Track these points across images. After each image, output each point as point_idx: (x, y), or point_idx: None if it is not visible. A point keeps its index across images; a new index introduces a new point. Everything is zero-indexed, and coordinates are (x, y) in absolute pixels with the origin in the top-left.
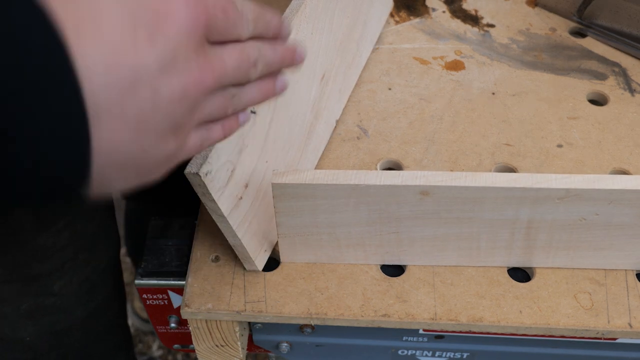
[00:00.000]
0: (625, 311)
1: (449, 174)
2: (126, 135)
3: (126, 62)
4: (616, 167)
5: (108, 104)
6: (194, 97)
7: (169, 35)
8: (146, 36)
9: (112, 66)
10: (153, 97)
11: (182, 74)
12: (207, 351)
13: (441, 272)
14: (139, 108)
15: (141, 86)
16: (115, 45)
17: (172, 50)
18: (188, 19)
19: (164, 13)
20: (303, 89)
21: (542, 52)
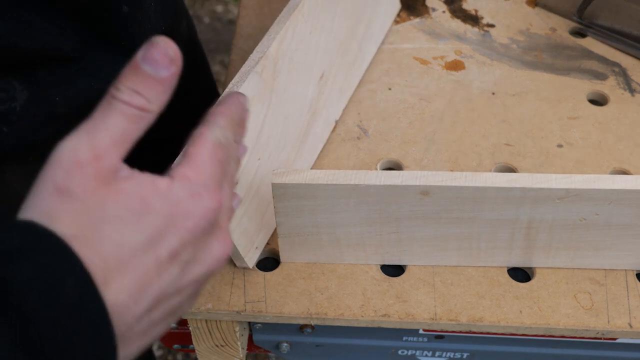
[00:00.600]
0: (625, 311)
1: (449, 174)
2: (156, 331)
3: (150, 289)
4: (616, 167)
5: (137, 324)
6: (220, 269)
7: (188, 243)
8: (168, 256)
9: (137, 298)
10: (179, 294)
11: (206, 260)
12: (207, 351)
13: (441, 272)
14: (166, 310)
15: (167, 295)
16: (139, 279)
17: (194, 250)
18: (205, 217)
19: (182, 226)
20: (300, 89)
21: (542, 52)
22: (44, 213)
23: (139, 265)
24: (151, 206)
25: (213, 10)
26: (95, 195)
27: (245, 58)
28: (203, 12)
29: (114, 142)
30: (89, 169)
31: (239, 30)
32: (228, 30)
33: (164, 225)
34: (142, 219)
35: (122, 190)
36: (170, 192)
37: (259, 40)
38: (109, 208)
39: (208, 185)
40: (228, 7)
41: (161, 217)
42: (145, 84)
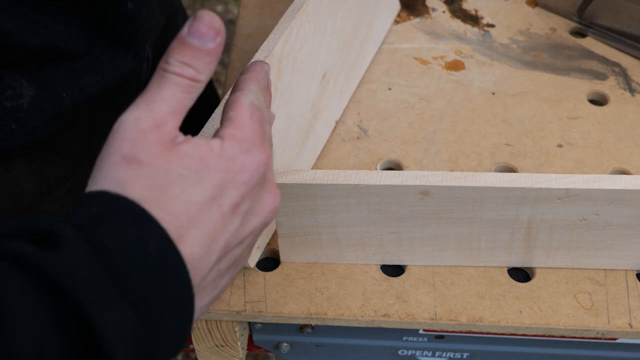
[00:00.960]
0: (626, 311)
1: (449, 174)
2: (225, 281)
3: (218, 241)
4: (616, 167)
5: (209, 275)
6: (271, 220)
7: (246, 195)
8: (230, 208)
9: (208, 250)
10: (240, 244)
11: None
12: (207, 351)
13: (441, 272)
14: (232, 260)
15: (232, 246)
16: (208, 232)
17: (251, 202)
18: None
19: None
20: (302, 88)
21: (542, 52)
22: (116, 182)
23: (207, 219)
24: (210, 165)
25: (213, 10)
26: (160, 160)
27: (245, 58)
28: None
29: (171, 110)
30: (152, 136)
31: (239, 30)
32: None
33: (223, 181)
34: (203, 177)
35: (183, 153)
36: (224, 151)
37: (259, 40)
38: (173, 170)
39: (255, 141)
40: (228, 7)
41: (220, 174)
42: (193, 56)
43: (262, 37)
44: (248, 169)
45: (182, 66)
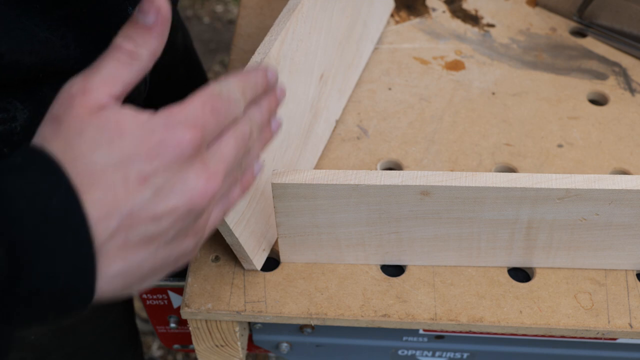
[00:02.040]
0: (626, 311)
1: (449, 174)
2: (138, 257)
3: (119, 206)
4: (616, 167)
5: (111, 241)
6: (201, 206)
7: (159, 170)
8: (137, 178)
9: (108, 212)
10: (155, 222)
11: (183, 192)
12: (207, 351)
13: (441, 272)
14: (143, 234)
15: (140, 219)
16: (109, 195)
17: (166, 179)
18: (177, 148)
19: (153, 154)
20: (301, 89)
21: (543, 52)
22: (39, 136)
23: (108, 183)
24: (125, 131)
25: (213, 10)
26: (79, 122)
27: (245, 58)
28: (203, 12)
29: (104, 80)
30: (77, 99)
31: (239, 30)
32: (228, 30)
33: (135, 149)
34: (114, 141)
35: (102, 117)
36: (147, 122)
37: (259, 40)
38: (87, 131)
39: (188, 120)
40: (228, 7)
41: (134, 142)
42: (134, 31)
43: (262, 37)
44: (165, 144)
45: (123, 40)
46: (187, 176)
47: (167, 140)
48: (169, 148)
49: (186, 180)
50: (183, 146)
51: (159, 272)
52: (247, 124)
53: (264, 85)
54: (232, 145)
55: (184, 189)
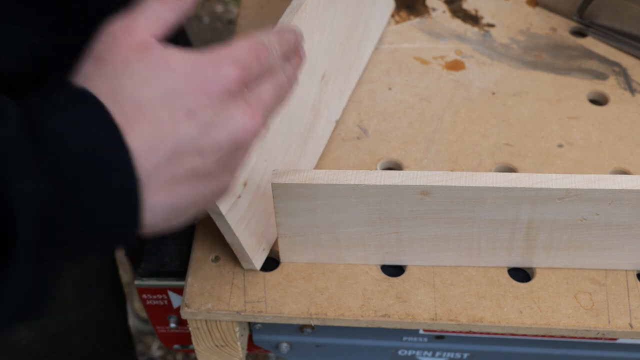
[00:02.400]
0: (626, 311)
1: (449, 174)
2: (182, 191)
3: (165, 140)
4: (617, 167)
5: (157, 173)
6: (245, 143)
7: (206, 105)
8: (184, 113)
9: (154, 146)
10: (201, 156)
11: (228, 128)
12: (207, 351)
13: (441, 272)
14: (189, 168)
15: (186, 153)
16: (155, 130)
17: (212, 115)
18: (223, 85)
19: (200, 89)
20: (303, 89)
21: (543, 51)
22: (82, 76)
23: (155, 117)
24: (172, 67)
25: (213, 10)
26: (124, 59)
27: None
28: (203, 12)
29: (147, 20)
30: (121, 39)
31: (239, 30)
32: (228, 30)
33: (182, 84)
34: (161, 77)
35: (149, 54)
36: (194, 60)
37: None
38: (133, 67)
39: (233, 60)
40: (228, 7)
41: (180, 78)
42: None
43: None
44: (212, 81)
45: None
46: (231, 112)
47: (214, 77)
48: (216, 84)
49: (231, 116)
50: (229, 83)
51: (198, 207)
52: (283, 75)
53: (295, 44)
54: (271, 92)
55: (230, 124)
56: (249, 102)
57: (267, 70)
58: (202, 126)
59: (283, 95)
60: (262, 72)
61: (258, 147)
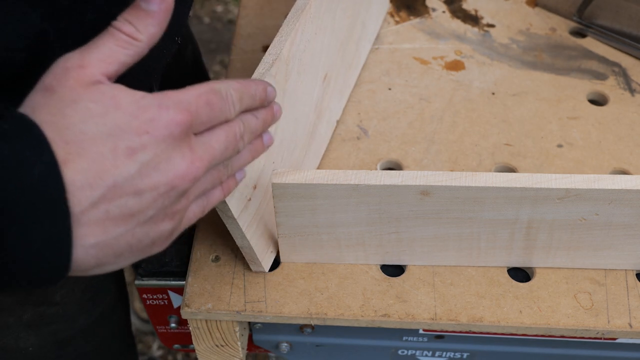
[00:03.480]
0: (625, 311)
1: (449, 174)
2: (116, 230)
3: (104, 176)
4: (616, 167)
5: (92, 210)
6: (181, 187)
7: (147, 145)
8: (125, 151)
9: (92, 182)
10: (138, 196)
11: (167, 171)
12: (207, 351)
13: (441, 272)
14: (124, 208)
15: (123, 191)
16: (95, 165)
17: (152, 156)
18: (167, 128)
19: (143, 129)
20: (307, 90)
21: (542, 52)
22: (29, 106)
23: (97, 152)
24: (119, 104)
25: (213, 10)
26: (73, 93)
27: (245, 58)
28: (203, 12)
29: (101, 58)
30: (73, 73)
31: (239, 30)
32: (228, 30)
33: (126, 123)
34: (107, 113)
35: (98, 90)
36: (142, 99)
37: (259, 41)
38: (81, 101)
39: (181, 103)
40: (228, 7)
41: (126, 116)
42: (137, 16)
43: (262, 37)
44: (157, 122)
45: (124, 22)
46: (172, 156)
47: (159, 118)
48: (160, 126)
49: (170, 160)
50: (172, 126)
51: (134, 252)
52: (239, 125)
53: (261, 99)
54: (222, 139)
55: (168, 167)
56: (193, 148)
57: (220, 119)
58: (142, 166)
59: (238, 147)
60: (212, 120)
61: None
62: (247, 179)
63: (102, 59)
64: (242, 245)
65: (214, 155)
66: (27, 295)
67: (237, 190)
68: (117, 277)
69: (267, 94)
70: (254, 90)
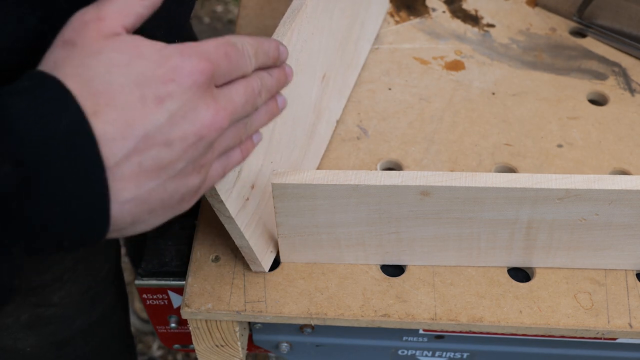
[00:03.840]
0: (625, 311)
1: (449, 174)
2: (149, 184)
3: (135, 126)
4: (616, 167)
5: (126, 161)
6: (209, 138)
7: (174, 94)
8: (153, 100)
9: (123, 133)
10: (168, 147)
11: (194, 121)
12: (207, 351)
13: (441, 272)
14: (156, 159)
15: (154, 141)
16: (125, 115)
17: (180, 105)
18: (191, 76)
19: (169, 77)
20: (305, 89)
21: (542, 52)
22: (50, 61)
23: (125, 102)
24: (143, 53)
25: (213, 10)
26: (95, 44)
27: None
28: (203, 12)
29: (118, 10)
30: (92, 25)
31: (239, 31)
32: (228, 30)
33: (151, 72)
34: (132, 62)
35: (119, 40)
36: (164, 49)
37: None
38: (104, 52)
39: (202, 53)
40: (228, 7)
41: (151, 65)
42: None
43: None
44: (181, 70)
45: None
46: (198, 105)
47: (183, 66)
48: (184, 74)
49: (197, 109)
50: (197, 74)
51: (166, 209)
52: (257, 80)
53: (274, 57)
54: (241, 93)
55: (195, 117)
56: (216, 98)
57: (238, 72)
58: (171, 115)
59: (257, 103)
60: (231, 72)
61: (264, 149)
62: (244, 179)
63: (119, 11)
64: (241, 245)
65: (235, 108)
66: (26, 296)
67: (234, 190)
68: (116, 277)
69: (279, 52)
70: (267, 47)
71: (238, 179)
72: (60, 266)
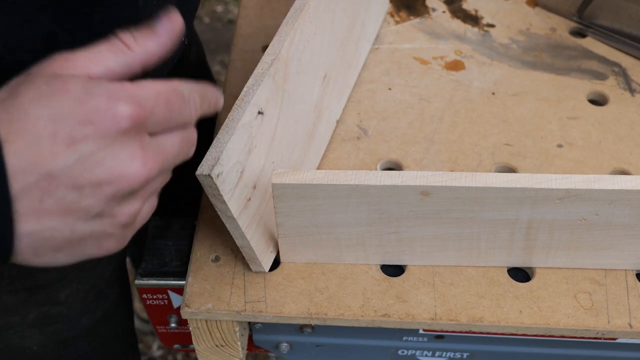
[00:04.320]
0: (625, 311)
1: (449, 174)
2: (51, 223)
3: (40, 163)
4: (616, 167)
5: (24, 196)
6: (130, 188)
7: (90, 137)
8: (65, 139)
9: (26, 166)
10: (77, 191)
11: (112, 169)
12: (207, 351)
13: (441, 272)
14: (61, 200)
15: (59, 182)
16: (32, 149)
17: (94, 150)
18: (114, 121)
19: (87, 119)
20: (307, 90)
21: (542, 52)
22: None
23: (36, 135)
24: (68, 89)
25: (213, 10)
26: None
27: (245, 58)
28: (203, 12)
29: (87, 57)
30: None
31: (239, 30)
32: (228, 30)
33: (71, 109)
34: (54, 96)
35: (64, 76)
36: (93, 87)
37: (259, 40)
38: (37, 82)
39: (135, 97)
40: (228, 7)
41: (72, 102)
42: (141, 31)
43: (262, 37)
44: (103, 113)
45: (126, 33)
46: (119, 153)
47: (106, 110)
48: (106, 118)
49: (117, 157)
50: (121, 120)
51: (78, 250)
52: (195, 132)
53: (216, 107)
54: (176, 143)
55: (113, 165)
56: (145, 147)
57: (178, 121)
58: (82, 158)
59: (190, 153)
60: (170, 120)
61: (266, 149)
62: (246, 179)
63: (89, 58)
64: (242, 245)
65: (166, 157)
66: (32, 294)
67: (236, 190)
68: (120, 276)
69: (218, 102)
70: (211, 96)
71: (240, 179)
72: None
